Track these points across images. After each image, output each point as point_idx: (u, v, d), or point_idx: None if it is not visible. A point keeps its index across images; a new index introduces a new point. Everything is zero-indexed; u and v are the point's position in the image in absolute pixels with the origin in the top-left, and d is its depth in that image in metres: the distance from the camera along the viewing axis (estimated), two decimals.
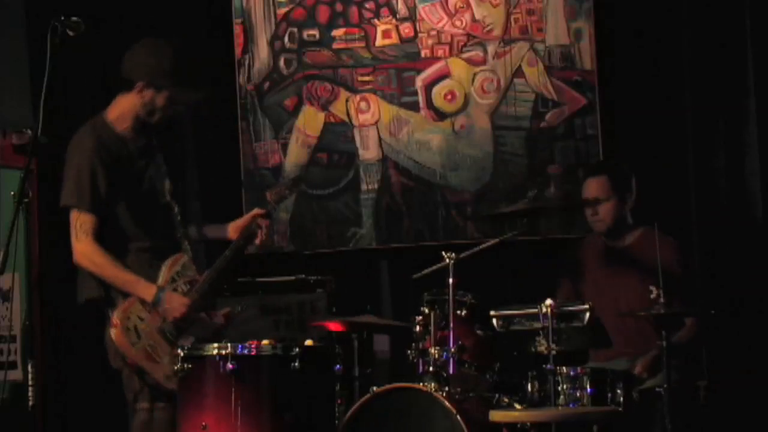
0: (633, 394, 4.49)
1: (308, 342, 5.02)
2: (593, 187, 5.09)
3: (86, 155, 4.40)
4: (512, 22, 5.92)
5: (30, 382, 4.33)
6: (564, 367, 4.40)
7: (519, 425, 4.27)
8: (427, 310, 4.63)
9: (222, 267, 4.56)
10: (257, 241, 4.75)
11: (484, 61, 5.95)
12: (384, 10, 6.09)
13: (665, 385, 4.35)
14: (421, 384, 4.47)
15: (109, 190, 4.39)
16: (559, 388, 4.37)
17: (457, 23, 5.98)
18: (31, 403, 4.29)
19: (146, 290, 4.36)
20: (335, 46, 6.15)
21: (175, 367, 4.28)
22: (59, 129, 4.37)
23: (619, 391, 4.45)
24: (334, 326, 5.13)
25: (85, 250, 4.36)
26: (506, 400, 4.50)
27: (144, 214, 4.48)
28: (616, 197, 5.07)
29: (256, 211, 4.76)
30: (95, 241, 4.35)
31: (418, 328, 4.66)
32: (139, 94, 4.49)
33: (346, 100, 6.13)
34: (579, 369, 4.44)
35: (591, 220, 5.11)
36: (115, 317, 4.33)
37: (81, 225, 4.37)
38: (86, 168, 4.38)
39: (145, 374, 4.34)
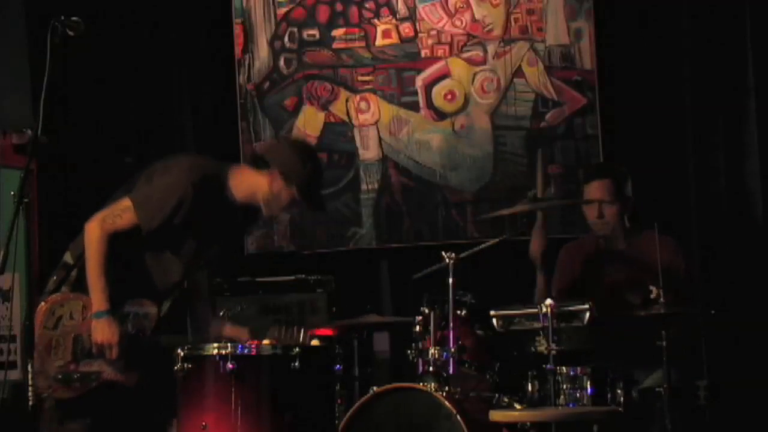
0: (633, 394, 4.49)
1: (314, 342, 5.02)
2: (596, 189, 5.03)
3: (187, 188, 4.30)
4: (512, 22, 5.92)
5: (30, 382, 4.32)
6: (564, 367, 4.40)
7: (519, 425, 4.27)
8: (427, 310, 4.62)
9: (168, 343, 4.46)
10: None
11: (484, 61, 5.95)
12: (384, 10, 6.09)
13: (665, 385, 4.35)
14: (421, 384, 4.47)
15: (180, 224, 4.32)
16: (559, 388, 4.36)
17: (457, 23, 5.99)
18: (31, 403, 4.29)
19: (100, 302, 4.28)
20: (335, 46, 6.16)
21: (176, 368, 4.28)
22: (59, 129, 4.37)
23: (619, 391, 4.45)
24: (331, 332, 5.11)
25: (97, 229, 4.29)
26: (506, 400, 4.50)
27: (176, 260, 4.42)
28: (619, 200, 5.04)
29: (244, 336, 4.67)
30: (111, 234, 4.30)
31: (418, 328, 4.66)
32: (269, 179, 4.40)
33: (346, 100, 6.13)
34: (579, 369, 4.43)
35: (594, 223, 5.05)
36: (53, 297, 4.32)
37: (117, 216, 4.30)
38: (173, 196, 4.30)
39: (30, 359, 4.31)
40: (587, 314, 4.41)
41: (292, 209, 4.55)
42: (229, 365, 4.19)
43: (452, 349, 4.44)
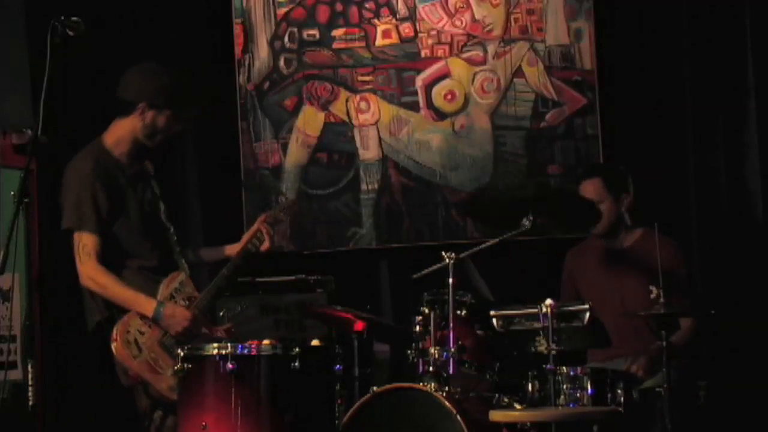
0: (633, 394, 4.49)
1: (315, 342, 5.03)
2: (587, 189, 5.10)
3: (86, 178, 4.46)
4: (512, 22, 5.92)
5: (30, 382, 4.33)
6: (564, 367, 4.40)
7: (519, 425, 4.27)
8: (427, 310, 4.62)
9: (221, 284, 4.61)
10: (264, 248, 4.76)
11: (484, 61, 5.95)
12: (384, 10, 6.09)
13: (665, 385, 4.35)
14: (421, 384, 4.47)
15: (109, 212, 4.43)
16: (559, 388, 4.36)
17: (457, 23, 5.98)
18: (31, 403, 4.29)
19: (146, 305, 4.41)
20: (335, 46, 6.15)
21: (175, 368, 4.29)
22: (59, 129, 4.37)
23: (619, 391, 4.45)
24: (336, 314, 5.11)
25: (89, 272, 4.45)
26: (506, 400, 4.50)
27: (142, 235, 4.54)
28: (611, 198, 5.08)
29: (256, 227, 4.77)
30: (98, 262, 4.42)
31: (418, 328, 4.66)
32: (140, 117, 4.53)
33: (346, 100, 6.13)
34: (579, 369, 4.44)
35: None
36: (115, 332, 4.37)
37: (83, 247, 4.45)
38: (86, 190, 4.46)
39: (149, 386, 4.37)
40: (587, 314, 4.41)
41: (174, 129, 4.61)
42: (229, 365, 4.20)
43: (452, 349, 4.44)
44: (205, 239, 6.05)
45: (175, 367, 4.30)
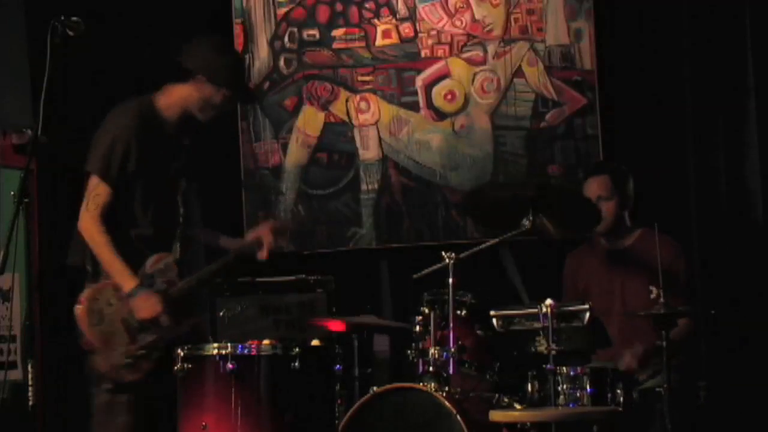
0: (633, 394, 4.49)
1: (315, 342, 5.03)
2: (595, 185, 5.08)
3: (125, 129, 4.44)
4: (512, 22, 5.92)
5: (30, 382, 4.33)
6: (564, 367, 4.40)
7: (519, 425, 4.27)
8: (427, 310, 4.62)
9: (203, 278, 4.58)
10: (261, 256, 4.73)
11: (484, 61, 5.95)
12: (384, 10, 6.09)
13: (665, 385, 4.35)
14: (421, 384, 4.47)
15: (135, 170, 4.41)
16: (559, 388, 4.36)
17: (457, 23, 5.98)
18: (31, 403, 4.30)
19: (127, 281, 4.38)
20: (335, 46, 6.15)
21: (176, 368, 4.29)
22: (59, 129, 4.37)
23: (619, 391, 4.45)
24: (334, 326, 5.12)
25: (89, 222, 4.40)
26: (506, 400, 4.50)
27: (156, 202, 4.51)
28: (617, 197, 5.07)
29: (259, 234, 4.73)
30: (102, 216, 4.38)
31: (418, 328, 4.66)
32: (196, 87, 4.50)
33: (346, 100, 6.13)
34: (579, 369, 4.44)
35: None
36: (84, 295, 4.36)
37: (95, 196, 4.40)
38: (122, 141, 4.42)
39: (94, 357, 4.35)
40: (587, 314, 4.41)
41: (227, 108, 4.62)
42: (229, 365, 4.20)
43: (452, 349, 4.44)
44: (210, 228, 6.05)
45: (175, 367, 4.29)
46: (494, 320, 4.53)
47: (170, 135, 4.55)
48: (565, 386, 4.40)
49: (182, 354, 4.28)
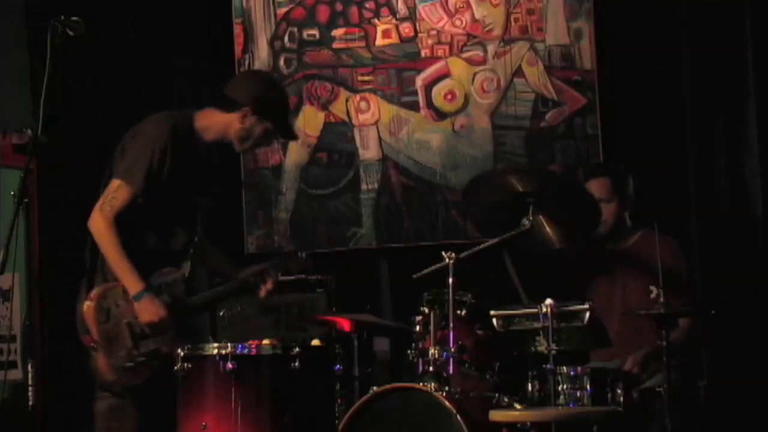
0: (633, 394, 4.49)
1: (315, 342, 5.03)
2: (595, 188, 5.06)
3: (160, 141, 4.43)
4: (512, 22, 5.92)
5: (30, 382, 4.33)
6: (564, 367, 4.40)
7: (519, 425, 4.27)
8: (427, 310, 4.62)
9: (206, 301, 4.58)
10: (262, 293, 4.70)
11: (484, 61, 5.95)
12: (384, 10, 6.09)
13: (665, 385, 4.35)
14: (421, 384, 4.47)
15: (166, 182, 4.41)
16: (559, 388, 4.36)
17: (457, 23, 5.99)
18: (31, 403, 4.30)
19: (134, 284, 4.38)
20: (335, 45, 6.16)
21: (176, 367, 4.29)
22: (59, 129, 4.37)
23: (619, 391, 4.45)
24: (340, 323, 5.11)
25: (100, 221, 4.39)
26: (506, 400, 4.50)
27: (177, 218, 4.50)
28: (617, 199, 5.06)
29: (261, 270, 4.72)
30: (115, 218, 4.37)
31: (418, 328, 4.66)
32: (240, 118, 4.53)
33: (346, 100, 6.13)
34: (579, 369, 4.44)
35: None
36: (94, 292, 4.36)
37: (113, 198, 4.39)
38: (155, 152, 4.41)
39: (95, 356, 4.36)
40: (587, 314, 4.40)
41: (265, 142, 4.63)
42: (229, 365, 4.20)
43: (452, 349, 4.44)
44: (206, 239, 6.05)
45: (175, 367, 4.30)
46: (494, 320, 4.52)
47: (202, 154, 4.55)
48: (565, 386, 4.40)
49: (182, 354, 4.28)
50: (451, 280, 4.51)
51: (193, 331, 4.56)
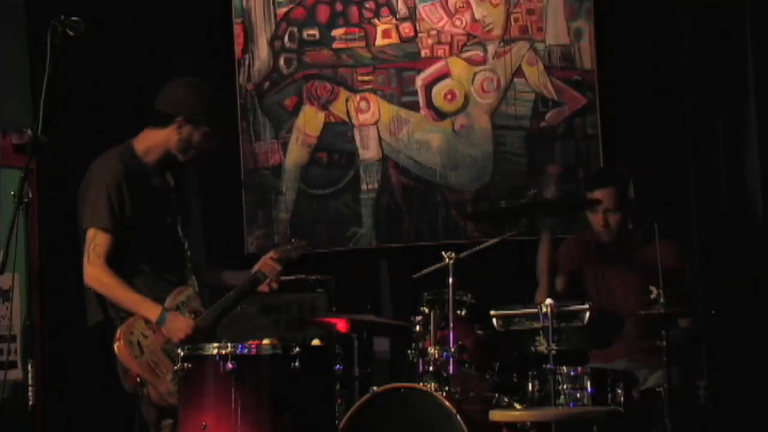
0: (633, 394, 4.49)
1: (315, 342, 5.02)
2: (602, 198, 4.99)
3: (111, 178, 4.44)
4: (512, 22, 5.92)
5: (30, 382, 4.33)
6: (564, 367, 4.40)
7: (519, 425, 4.27)
8: (427, 310, 4.62)
9: (227, 305, 4.59)
10: (273, 286, 4.71)
11: (484, 61, 5.95)
12: (384, 10, 6.09)
13: (665, 385, 4.35)
14: (421, 384, 4.47)
15: (131, 214, 4.41)
16: (559, 388, 4.36)
17: (457, 23, 5.99)
18: (31, 403, 4.29)
19: (151, 310, 4.40)
20: (335, 45, 6.16)
21: (175, 367, 4.30)
22: (59, 129, 4.37)
23: (619, 391, 4.45)
24: (337, 324, 5.11)
25: (95, 272, 4.41)
26: (506, 400, 4.50)
27: (158, 245, 4.51)
28: (624, 208, 5.03)
29: (266, 259, 4.72)
30: (106, 263, 4.39)
31: (418, 327, 4.66)
32: (176, 130, 4.53)
33: (346, 100, 6.13)
34: (579, 369, 4.44)
35: (598, 230, 5.05)
36: (119, 332, 4.37)
37: (95, 247, 4.42)
38: (111, 189, 4.42)
39: (147, 386, 4.37)
40: (587, 314, 4.40)
41: (207, 145, 4.61)
42: (229, 365, 4.19)
43: (452, 349, 4.44)
44: (205, 239, 6.06)
45: (175, 367, 4.30)
46: (494, 320, 4.52)
47: (153, 177, 4.56)
48: (565, 386, 4.40)
49: (182, 354, 4.28)
50: (451, 280, 4.52)
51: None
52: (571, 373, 4.42)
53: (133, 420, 4.53)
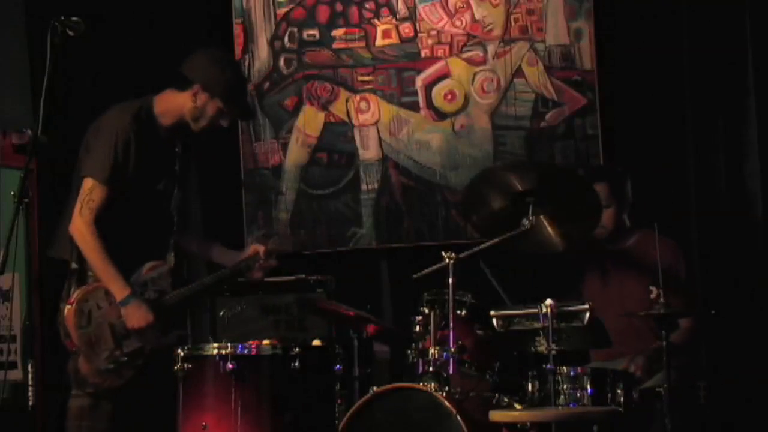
0: (633, 394, 4.49)
1: (315, 342, 5.02)
2: None
3: (123, 132, 4.45)
4: (512, 22, 5.92)
5: (30, 382, 4.34)
6: (564, 367, 4.40)
7: (519, 425, 4.27)
8: (427, 310, 4.62)
9: (197, 290, 4.58)
10: (255, 275, 4.73)
11: (484, 61, 5.95)
12: (384, 10, 6.09)
13: (665, 385, 4.35)
14: (421, 384, 4.47)
15: (133, 173, 4.41)
16: (559, 388, 4.36)
17: (457, 23, 5.99)
18: (31, 403, 4.30)
19: (120, 289, 4.39)
20: (335, 46, 6.16)
21: (175, 367, 4.29)
22: (59, 129, 4.37)
23: (619, 391, 4.45)
24: (339, 309, 5.10)
25: (82, 226, 4.40)
26: (506, 400, 4.50)
27: (149, 210, 4.50)
28: (615, 203, 5.05)
29: (256, 249, 4.73)
30: (95, 220, 4.38)
31: (418, 328, 4.66)
32: (192, 96, 4.54)
33: (346, 100, 6.13)
34: (579, 369, 4.44)
35: None
36: (74, 296, 4.36)
37: (89, 200, 4.40)
38: (119, 144, 4.42)
39: (77, 358, 4.36)
40: (587, 314, 4.40)
41: (220, 121, 4.62)
42: (229, 365, 4.20)
43: (452, 349, 4.44)
44: (206, 239, 6.05)
45: (175, 367, 4.30)
46: (494, 320, 4.52)
47: (164, 141, 4.56)
48: (565, 386, 4.40)
49: (182, 354, 4.28)
50: (451, 280, 4.51)
51: (175, 326, 4.56)
52: (571, 373, 4.42)
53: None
